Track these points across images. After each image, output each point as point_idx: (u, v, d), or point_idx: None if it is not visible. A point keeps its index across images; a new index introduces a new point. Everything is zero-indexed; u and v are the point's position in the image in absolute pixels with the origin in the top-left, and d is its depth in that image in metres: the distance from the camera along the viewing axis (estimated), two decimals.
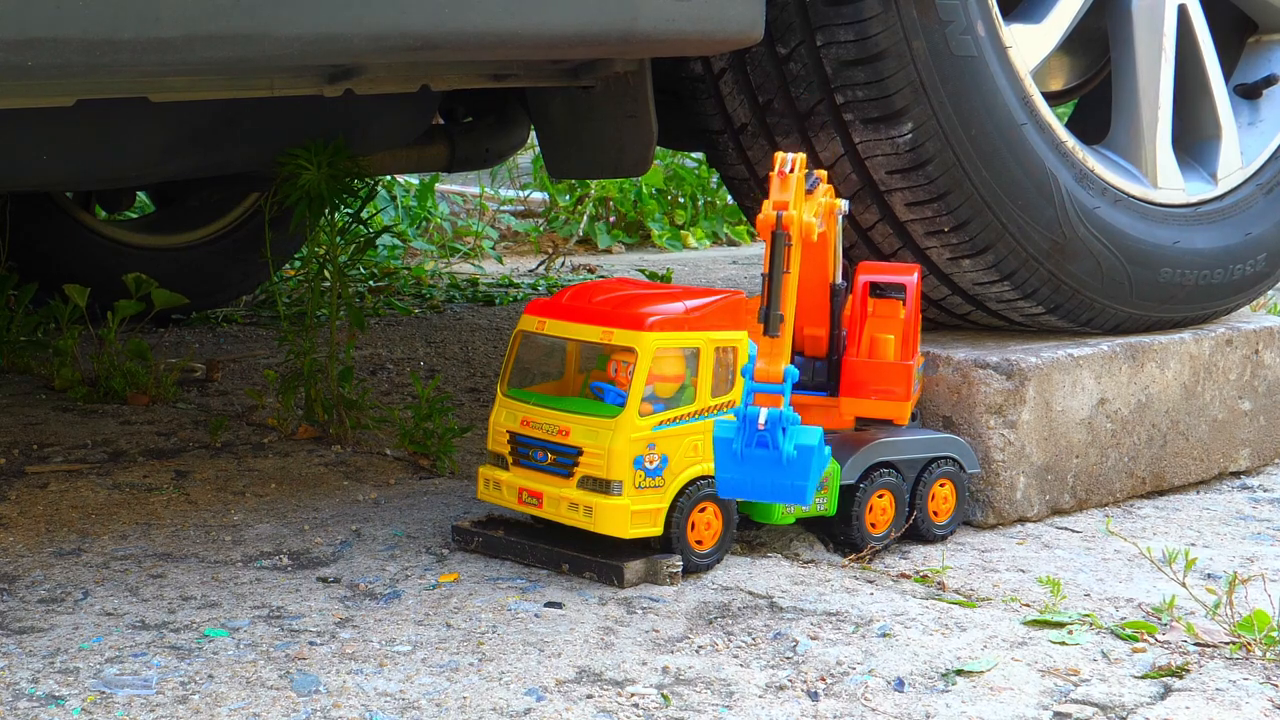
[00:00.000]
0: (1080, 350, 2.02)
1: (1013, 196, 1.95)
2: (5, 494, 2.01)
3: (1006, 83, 1.95)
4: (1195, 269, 2.14)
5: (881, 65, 1.87)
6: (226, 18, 1.41)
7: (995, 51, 1.94)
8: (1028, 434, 1.95)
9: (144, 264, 3.13)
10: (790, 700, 1.40)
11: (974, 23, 1.91)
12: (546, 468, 1.71)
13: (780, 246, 1.58)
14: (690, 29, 1.65)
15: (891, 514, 1.84)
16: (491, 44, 1.57)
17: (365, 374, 2.81)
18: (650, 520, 1.67)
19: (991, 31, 1.95)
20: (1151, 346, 2.08)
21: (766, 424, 1.51)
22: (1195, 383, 2.14)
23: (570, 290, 1.78)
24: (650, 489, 1.67)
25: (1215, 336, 2.16)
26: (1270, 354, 2.23)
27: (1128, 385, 2.06)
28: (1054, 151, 2.00)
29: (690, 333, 1.69)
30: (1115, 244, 2.05)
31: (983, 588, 1.73)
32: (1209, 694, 1.43)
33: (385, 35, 1.50)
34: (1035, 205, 1.97)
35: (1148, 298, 2.10)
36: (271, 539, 1.84)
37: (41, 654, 1.46)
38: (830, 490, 1.78)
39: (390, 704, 1.36)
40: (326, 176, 2.11)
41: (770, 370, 1.54)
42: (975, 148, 1.92)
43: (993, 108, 1.93)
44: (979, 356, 1.96)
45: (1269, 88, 2.33)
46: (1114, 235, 2.04)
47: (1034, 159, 1.97)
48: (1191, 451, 2.15)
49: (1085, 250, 2.01)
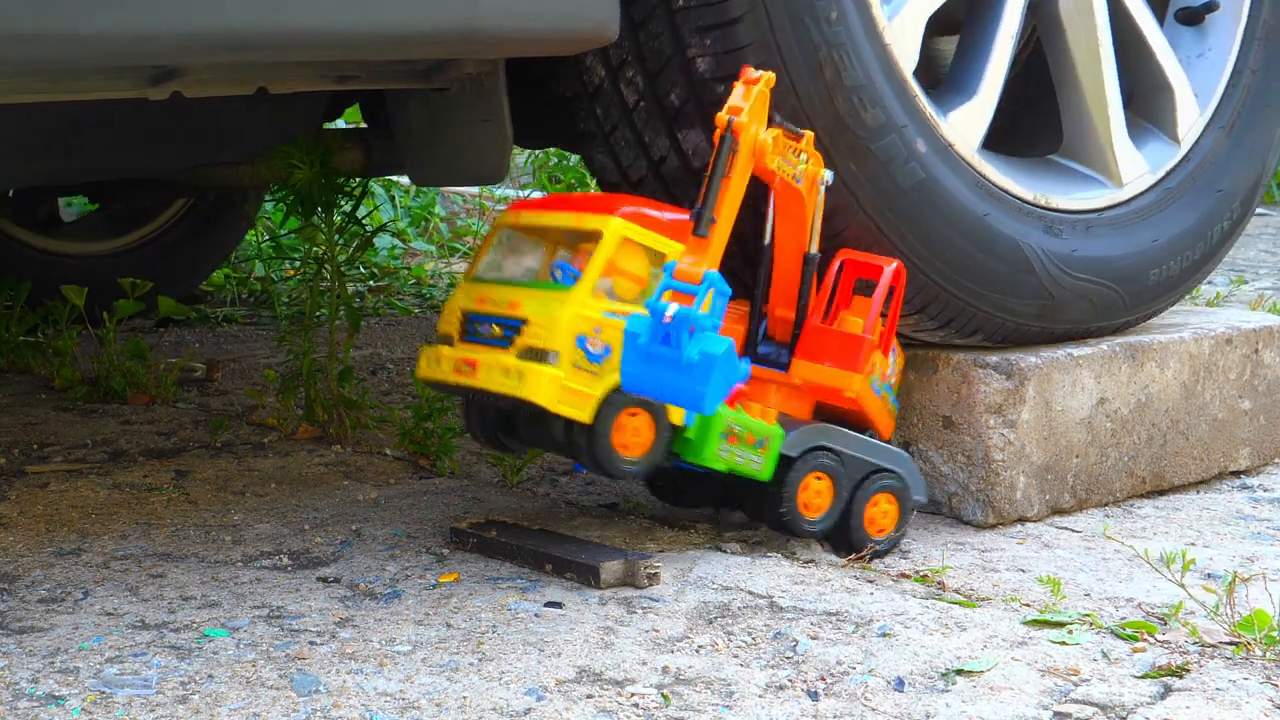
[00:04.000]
0: (1080, 350, 2.01)
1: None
2: (5, 494, 2.01)
3: (957, 181, 1.91)
4: (1171, 258, 2.13)
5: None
6: (26, 15, 1.34)
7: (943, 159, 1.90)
8: (1028, 433, 1.95)
9: (78, 272, 3.14)
10: (790, 700, 1.40)
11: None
12: (491, 340, 1.68)
13: (725, 150, 1.59)
14: (537, 26, 1.58)
15: (828, 501, 1.79)
16: (319, 44, 1.50)
17: (365, 374, 2.81)
18: (579, 402, 1.62)
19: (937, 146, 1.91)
20: (1151, 346, 2.08)
21: (673, 321, 1.48)
22: (1195, 382, 2.14)
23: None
24: (586, 372, 1.62)
25: (1215, 335, 2.16)
26: (1270, 353, 2.23)
27: (1127, 384, 2.06)
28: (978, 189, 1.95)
29: (661, 237, 1.67)
30: (1103, 277, 2.04)
31: (983, 587, 1.73)
32: (1209, 694, 1.43)
33: (202, 35, 1.42)
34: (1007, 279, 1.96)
35: (1142, 302, 2.10)
36: (271, 539, 1.84)
37: (41, 654, 1.46)
38: (769, 452, 1.74)
39: (390, 704, 1.36)
40: (318, 176, 2.11)
41: (691, 271, 1.53)
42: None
43: (954, 209, 1.91)
44: (978, 356, 1.96)
45: (1211, 13, 2.23)
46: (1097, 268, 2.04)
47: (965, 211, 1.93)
48: (1191, 451, 2.15)
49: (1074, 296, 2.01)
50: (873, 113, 1.81)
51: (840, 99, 1.79)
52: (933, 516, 1.98)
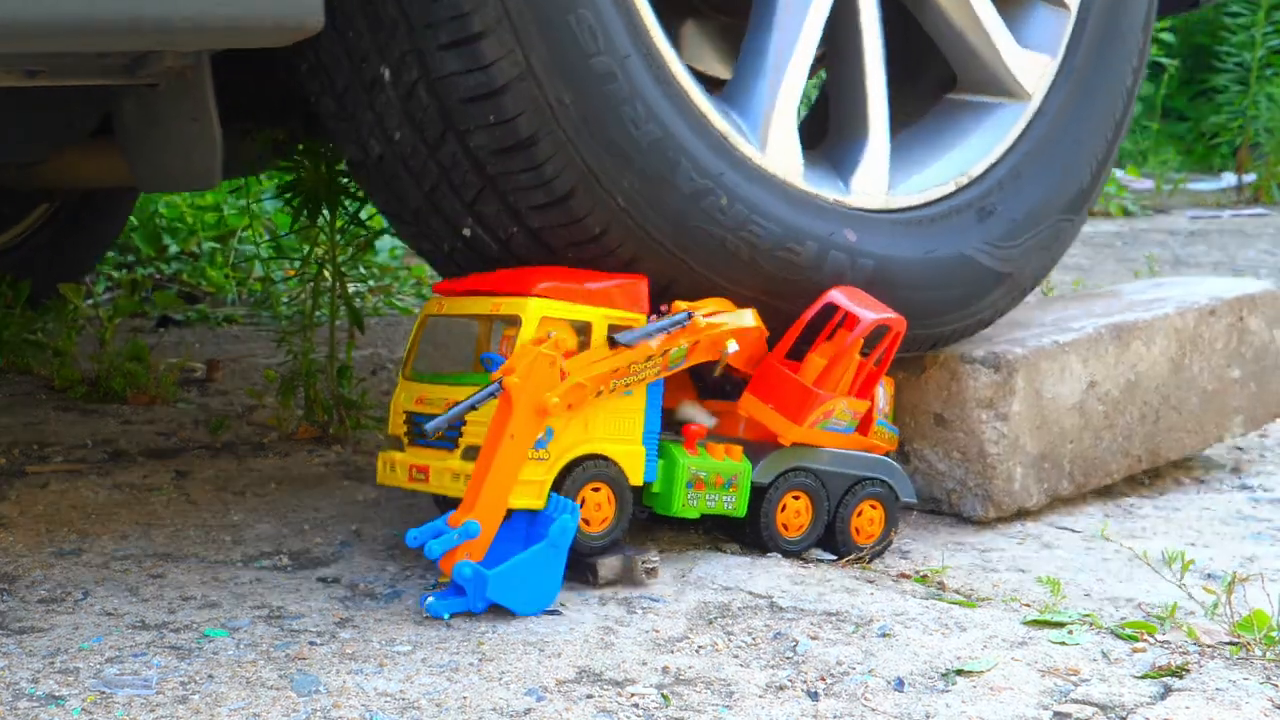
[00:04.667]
0: (1065, 336, 2.01)
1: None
2: (5, 494, 2.01)
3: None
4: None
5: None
6: None
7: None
8: (1020, 424, 1.95)
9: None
10: (790, 700, 1.40)
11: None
12: (435, 442, 1.67)
13: (499, 405, 1.57)
14: (229, 13, 1.46)
15: (808, 520, 1.80)
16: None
17: (365, 374, 2.81)
18: (533, 492, 1.60)
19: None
20: (1136, 325, 2.08)
21: (452, 580, 1.56)
22: (1182, 356, 2.13)
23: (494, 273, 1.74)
24: (534, 460, 1.60)
25: (1199, 308, 2.16)
26: (1255, 319, 2.23)
27: (1115, 366, 2.05)
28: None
29: (582, 306, 1.65)
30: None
31: (983, 587, 1.73)
32: (1209, 694, 1.43)
33: None
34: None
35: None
36: (271, 539, 1.84)
37: (41, 654, 1.46)
38: (740, 489, 1.74)
39: (390, 704, 1.36)
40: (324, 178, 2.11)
41: (460, 518, 1.55)
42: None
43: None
44: (965, 351, 1.96)
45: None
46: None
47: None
48: (1185, 424, 2.14)
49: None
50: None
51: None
52: (933, 516, 1.98)
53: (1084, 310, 2.19)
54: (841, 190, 1.89)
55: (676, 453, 1.71)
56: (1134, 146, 7.05)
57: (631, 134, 1.69)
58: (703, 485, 1.71)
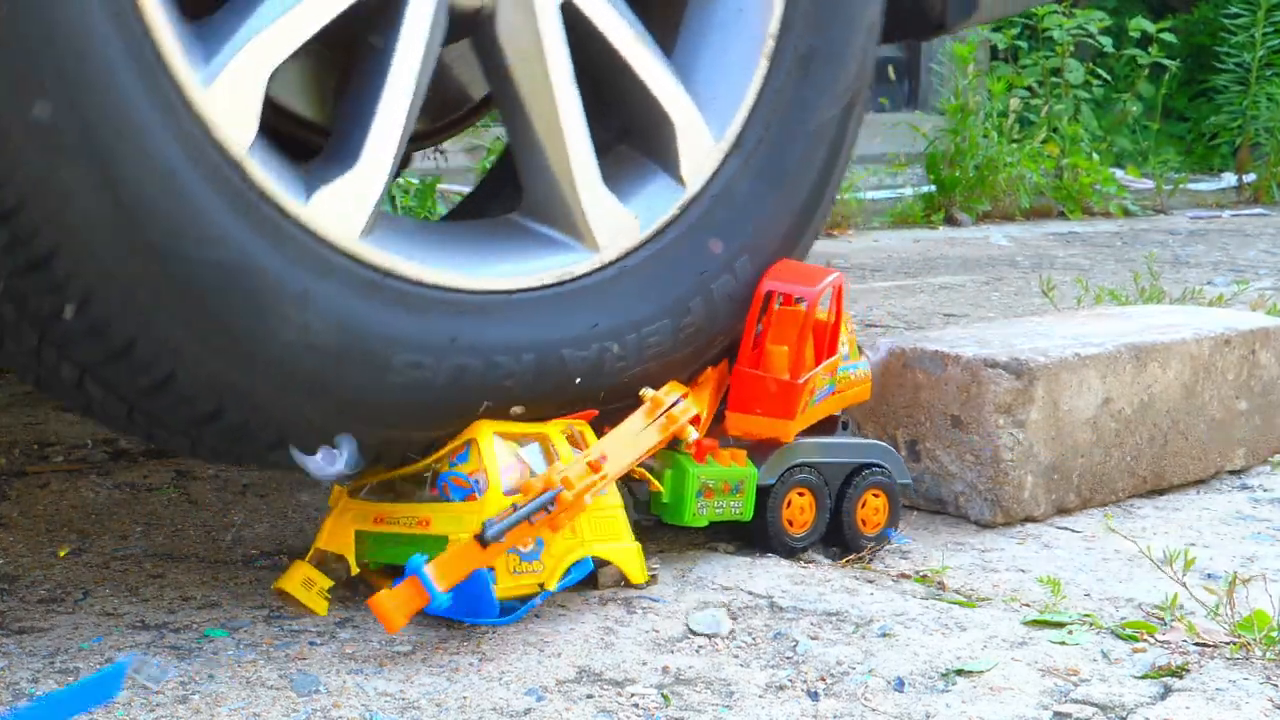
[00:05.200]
0: (1086, 350, 2.02)
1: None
2: (5, 494, 2.01)
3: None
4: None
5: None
6: None
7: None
8: (1036, 433, 1.95)
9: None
10: (790, 700, 1.40)
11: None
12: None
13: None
14: None
15: (812, 515, 1.80)
16: None
17: None
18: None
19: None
20: (1155, 346, 2.09)
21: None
22: (1195, 382, 2.14)
23: None
24: (528, 573, 1.53)
25: (1215, 337, 2.16)
26: (1266, 354, 2.24)
27: (1131, 385, 2.06)
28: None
29: (529, 424, 1.60)
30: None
31: (983, 588, 1.73)
32: (1209, 694, 1.43)
33: None
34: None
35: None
36: (271, 539, 1.84)
37: (41, 654, 1.46)
38: (746, 494, 1.74)
39: (390, 704, 1.36)
40: None
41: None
42: None
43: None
44: (988, 355, 1.96)
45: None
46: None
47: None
48: (1191, 451, 2.15)
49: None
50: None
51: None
52: (933, 516, 1.98)
53: (1102, 327, 2.19)
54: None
55: (685, 463, 1.70)
56: (1134, 146, 7.05)
57: None
58: (711, 494, 1.71)
